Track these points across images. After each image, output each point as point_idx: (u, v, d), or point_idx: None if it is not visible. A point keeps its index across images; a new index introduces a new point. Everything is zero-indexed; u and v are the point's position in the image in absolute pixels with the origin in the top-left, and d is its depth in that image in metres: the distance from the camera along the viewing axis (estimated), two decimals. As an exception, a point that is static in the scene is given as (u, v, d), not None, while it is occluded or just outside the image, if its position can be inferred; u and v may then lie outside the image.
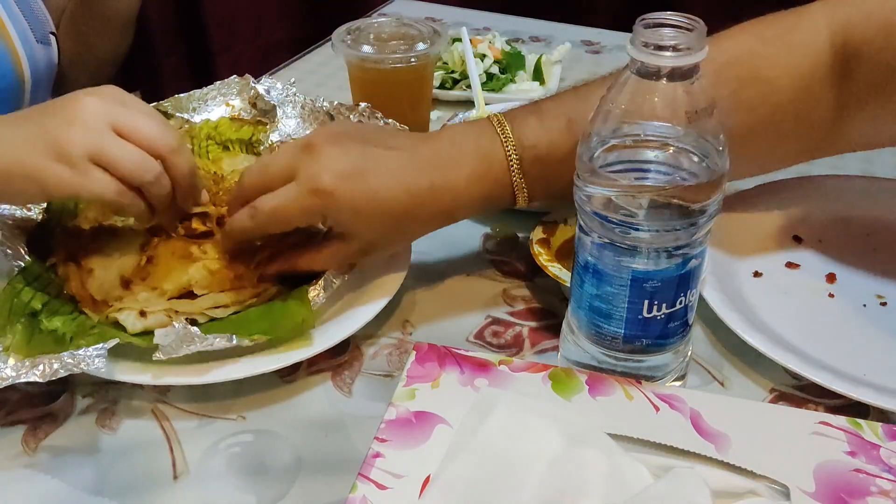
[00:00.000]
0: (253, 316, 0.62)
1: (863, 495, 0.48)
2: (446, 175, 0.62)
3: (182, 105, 0.80)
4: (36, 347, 0.57)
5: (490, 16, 1.31)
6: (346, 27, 0.88)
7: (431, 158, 0.63)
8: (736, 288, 0.68)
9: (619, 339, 0.55)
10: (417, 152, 0.63)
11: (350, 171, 0.59)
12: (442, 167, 0.62)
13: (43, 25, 0.95)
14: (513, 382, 0.55)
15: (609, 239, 0.52)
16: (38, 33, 0.93)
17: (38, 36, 0.93)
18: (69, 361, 0.54)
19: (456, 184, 0.62)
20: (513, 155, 0.62)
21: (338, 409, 0.60)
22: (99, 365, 0.54)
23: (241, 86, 0.82)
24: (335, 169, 0.59)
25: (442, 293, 0.71)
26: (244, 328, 0.60)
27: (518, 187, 0.63)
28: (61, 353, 0.55)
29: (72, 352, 0.55)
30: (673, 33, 0.48)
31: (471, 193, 0.63)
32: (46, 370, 0.54)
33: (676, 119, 0.49)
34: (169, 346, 0.56)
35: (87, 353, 0.55)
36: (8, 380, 0.54)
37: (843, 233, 0.75)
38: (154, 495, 0.54)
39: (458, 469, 0.49)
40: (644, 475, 0.49)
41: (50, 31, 0.96)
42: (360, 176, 0.60)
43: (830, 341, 0.63)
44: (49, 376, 0.54)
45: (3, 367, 0.55)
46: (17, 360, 0.55)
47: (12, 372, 0.54)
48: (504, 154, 0.62)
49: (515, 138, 0.62)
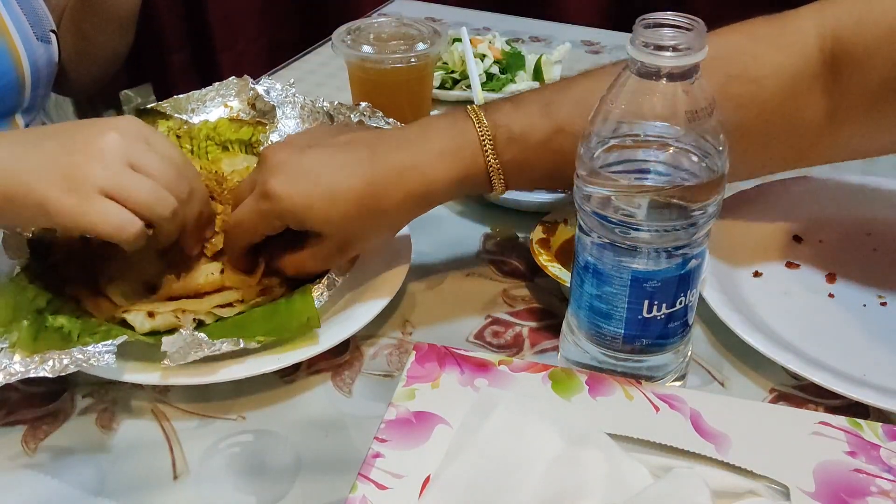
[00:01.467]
0: (258, 316, 0.63)
1: (863, 495, 0.48)
2: (414, 156, 0.62)
3: (181, 106, 0.80)
4: (42, 344, 0.57)
5: (490, 16, 1.31)
6: (346, 27, 0.88)
7: (398, 142, 0.63)
8: (736, 288, 0.68)
9: (619, 339, 0.55)
10: (380, 140, 0.63)
11: (298, 174, 0.61)
12: (409, 148, 0.62)
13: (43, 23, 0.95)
14: (513, 382, 0.55)
15: (609, 239, 0.52)
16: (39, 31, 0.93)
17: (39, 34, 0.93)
18: (79, 357, 0.54)
19: (425, 163, 0.61)
20: (485, 134, 0.62)
21: (338, 409, 0.60)
22: (109, 360, 0.54)
23: (239, 87, 0.82)
24: (283, 173, 0.61)
25: (442, 293, 0.71)
26: (250, 329, 0.60)
27: (493, 169, 0.62)
28: (70, 349, 0.55)
29: (81, 347, 0.55)
30: (673, 33, 0.48)
31: (443, 173, 0.62)
32: (56, 365, 0.54)
33: (676, 119, 0.49)
34: (176, 353, 0.57)
35: (96, 349, 0.55)
36: (17, 374, 0.54)
37: (843, 233, 0.75)
38: (154, 495, 0.54)
39: (458, 469, 0.49)
40: (644, 475, 0.49)
41: (50, 30, 0.96)
42: (307, 175, 0.61)
43: (830, 341, 0.63)
44: (59, 371, 0.54)
45: (11, 362, 0.55)
46: (24, 356, 0.55)
47: (21, 367, 0.54)
48: (476, 133, 0.62)
49: (488, 119, 0.62)
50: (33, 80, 0.91)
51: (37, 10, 0.94)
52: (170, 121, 0.79)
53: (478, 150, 0.62)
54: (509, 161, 0.62)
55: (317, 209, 0.60)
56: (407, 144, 0.62)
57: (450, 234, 0.79)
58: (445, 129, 0.63)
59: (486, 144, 0.62)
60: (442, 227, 0.80)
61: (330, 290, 0.63)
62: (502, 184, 0.63)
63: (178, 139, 0.79)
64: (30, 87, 0.92)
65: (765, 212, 0.76)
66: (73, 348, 0.55)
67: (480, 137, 0.62)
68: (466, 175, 0.62)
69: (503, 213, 0.81)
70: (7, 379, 0.54)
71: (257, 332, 0.60)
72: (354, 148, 0.62)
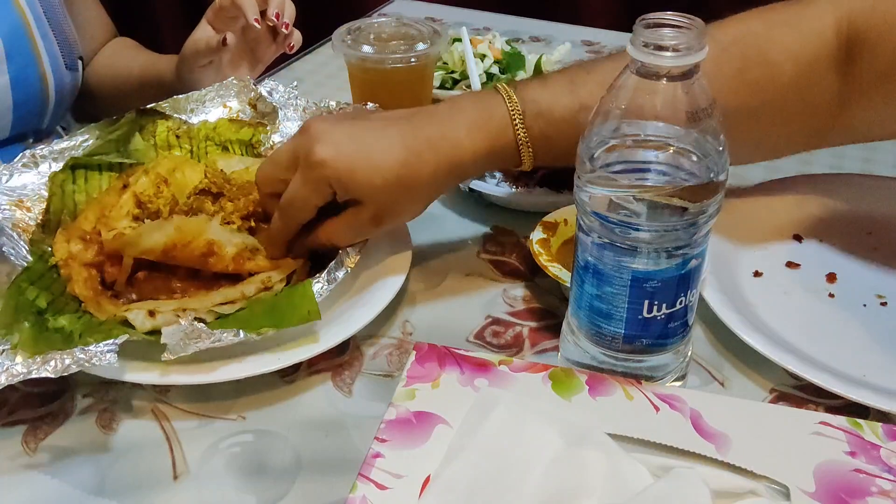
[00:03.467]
0: (258, 311, 0.62)
1: (863, 495, 0.48)
2: (443, 126, 0.64)
3: (180, 106, 0.80)
4: (44, 345, 0.57)
5: (490, 16, 1.31)
6: (346, 27, 0.88)
7: (430, 116, 0.65)
8: (736, 288, 0.68)
9: (619, 339, 0.55)
10: (414, 115, 0.66)
11: (342, 140, 0.63)
12: (440, 122, 0.64)
13: (73, 50, 0.95)
14: (513, 382, 0.55)
15: (609, 239, 0.52)
16: (68, 59, 0.93)
17: (68, 62, 0.93)
18: (81, 357, 0.54)
19: (455, 133, 0.63)
20: (514, 108, 0.64)
21: (338, 409, 0.60)
22: (111, 360, 0.54)
23: (238, 87, 0.82)
24: (327, 140, 0.62)
25: (442, 293, 0.71)
26: (250, 324, 0.60)
27: (522, 142, 0.64)
28: (72, 349, 0.55)
29: (83, 347, 0.55)
30: (673, 33, 0.48)
31: (473, 144, 0.64)
32: (58, 366, 0.54)
33: (676, 119, 0.49)
34: (176, 345, 0.57)
35: (98, 348, 0.55)
36: (20, 375, 0.54)
37: (843, 232, 0.75)
38: (154, 495, 0.54)
39: (458, 469, 0.49)
40: (644, 475, 0.49)
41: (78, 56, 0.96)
42: (352, 141, 0.63)
43: (830, 341, 0.63)
44: (60, 371, 0.54)
45: (13, 363, 0.55)
46: (25, 357, 0.55)
47: (23, 368, 0.54)
48: (506, 107, 0.64)
49: (517, 95, 0.64)
50: (56, 103, 0.92)
51: (68, 37, 0.94)
52: (169, 121, 0.79)
53: (507, 124, 0.64)
54: (537, 135, 0.64)
55: (360, 174, 0.62)
56: (439, 118, 0.65)
57: (450, 234, 0.79)
58: (476, 103, 0.65)
59: (516, 118, 0.63)
60: (442, 227, 0.80)
61: (330, 284, 0.63)
62: (531, 157, 0.65)
63: (178, 139, 0.79)
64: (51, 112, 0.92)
65: (765, 211, 0.76)
66: (75, 348, 0.55)
67: (511, 111, 0.64)
68: (496, 147, 0.64)
69: (503, 213, 0.81)
70: (10, 380, 0.54)
71: (258, 325, 0.60)
72: (393, 121, 0.65)
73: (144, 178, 0.72)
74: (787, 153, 0.73)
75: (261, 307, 0.63)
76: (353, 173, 0.62)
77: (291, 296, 0.63)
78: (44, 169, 0.72)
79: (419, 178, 0.63)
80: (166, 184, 0.71)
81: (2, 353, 0.56)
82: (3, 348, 0.56)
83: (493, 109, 0.64)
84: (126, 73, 1.02)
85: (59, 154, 0.73)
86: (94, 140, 0.75)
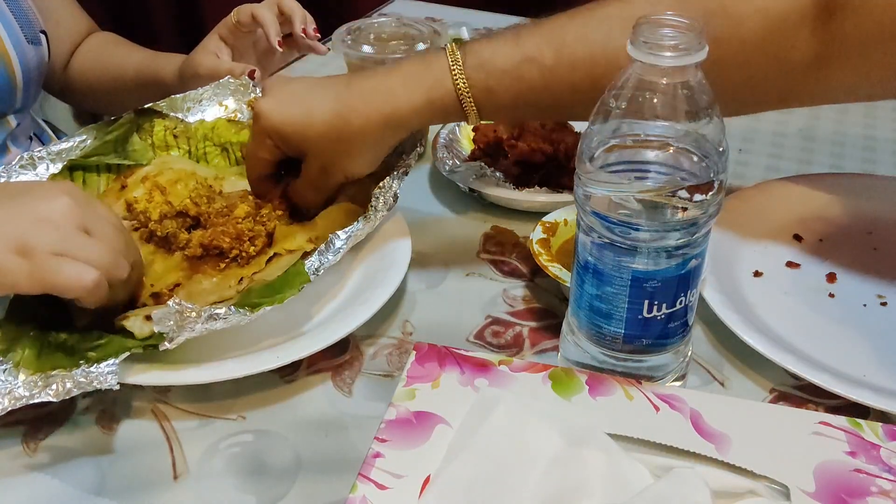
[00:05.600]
0: (254, 295, 0.62)
1: (863, 495, 0.48)
2: (379, 79, 0.65)
3: (176, 105, 0.80)
4: (46, 362, 0.57)
5: (490, 16, 1.31)
6: (346, 27, 0.88)
7: (371, 73, 0.68)
8: (736, 288, 0.68)
9: (619, 339, 0.55)
10: (358, 73, 0.68)
11: (283, 96, 0.66)
12: (377, 76, 0.66)
13: (33, 25, 0.94)
14: (513, 382, 0.55)
15: (609, 239, 0.52)
16: (29, 34, 0.92)
17: (29, 36, 0.92)
18: (82, 381, 0.54)
19: (389, 84, 0.65)
20: (454, 60, 0.64)
21: (338, 409, 0.60)
22: (112, 382, 0.54)
23: (235, 87, 0.82)
24: (271, 96, 0.67)
25: (442, 293, 0.71)
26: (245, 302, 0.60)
27: (462, 93, 0.64)
28: (73, 370, 0.55)
29: (84, 369, 0.55)
30: (672, 33, 0.48)
31: (408, 94, 0.64)
32: (60, 389, 0.54)
33: (676, 119, 0.49)
34: (171, 331, 0.56)
35: (99, 369, 0.55)
36: (22, 399, 0.54)
37: (843, 232, 0.75)
38: (154, 495, 0.54)
39: (458, 469, 0.49)
40: (644, 475, 0.49)
41: (40, 30, 0.95)
42: (292, 97, 0.66)
43: (830, 341, 0.63)
44: (62, 395, 0.54)
45: (16, 384, 0.55)
46: (28, 374, 0.55)
47: (25, 391, 0.54)
48: (447, 60, 0.64)
49: (460, 49, 0.64)
50: (24, 81, 0.91)
51: (26, 12, 0.93)
52: (166, 120, 0.79)
53: (445, 75, 0.64)
54: (480, 87, 0.64)
55: (295, 126, 0.66)
56: (379, 73, 0.67)
57: (450, 234, 0.79)
58: (417, 57, 0.67)
59: (455, 69, 0.64)
60: (442, 227, 0.80)
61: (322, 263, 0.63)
62: (474, 110, 0.65)
63: (176, 139, 0.79)
64: (21, 90, 0.91)
65: (765, 211, 0.76)
66: (76, 370, 0.55)
67: (450, 63, 0.64)
68: (433, 98, 0.64)
69: (503, 213, 0.81)
70: (13, 404, 0.53)
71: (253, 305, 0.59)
72: (335, 79, 0.68)
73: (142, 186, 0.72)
74: (760, 110, 0.71)
75: (256, 291, 0.63)
76: (287, 125, 0.65)
77: (286, 275, 0.63)
78: (42, 171, 0.72)
79: (351, 127, 0.65)
80: (164, 194, 0.71)
81: (4, 370, 0.55)
82: (6, 367, 0.56)
83: (432, 63, 0.65)
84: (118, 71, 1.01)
85: (56, 156, 0.73)
86: (91, 141, 0.75)
